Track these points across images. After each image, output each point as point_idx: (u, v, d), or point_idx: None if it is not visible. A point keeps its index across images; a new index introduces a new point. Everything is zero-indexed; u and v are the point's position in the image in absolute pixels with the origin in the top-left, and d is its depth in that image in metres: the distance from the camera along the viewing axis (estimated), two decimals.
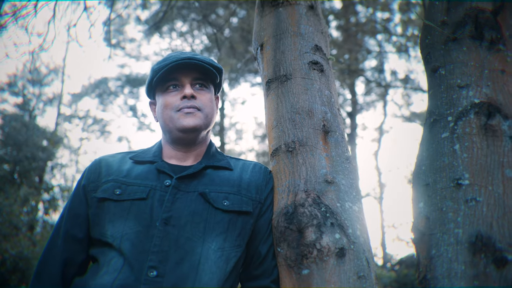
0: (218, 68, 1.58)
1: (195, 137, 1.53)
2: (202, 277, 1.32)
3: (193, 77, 1.53)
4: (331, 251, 1.33)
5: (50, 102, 18.45)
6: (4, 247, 8.58)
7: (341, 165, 1.53)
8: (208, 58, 1.57)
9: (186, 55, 1.51)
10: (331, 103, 1.67)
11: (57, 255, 1.45)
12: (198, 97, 1.52)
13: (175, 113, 1.50)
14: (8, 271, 8.17)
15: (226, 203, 1.42)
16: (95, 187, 1.49)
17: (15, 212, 10.99)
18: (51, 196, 15.53)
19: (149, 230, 1.35)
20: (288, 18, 1.82)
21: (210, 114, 1.54)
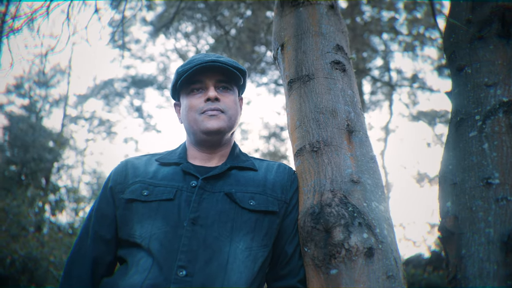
0: (241, 70, 1.58)
1: (220, 139, 1.53)
2: (231, 276, 1.32)
3: (217, 79, 1.53)
4: (359, 251, 1.33)
5: (56, 103, 18.50)
6: (13, 248, 8.61)
7: (366, 164, 1.53)
8: (232, 60, 1.57)
9: (210, 58, 1.52)
10: (354, 103, 1.67)
11: (86, 255, 1.46)
12: (222, 99, 1.52)
13: (199, 115, 1.51)
14: (17, 272, 8.19)
15: (252, 203, 1.43)
16: (122, 188, 1.49)
17: (23, 213, 11.03)
18: (57, 197, 15.58)
19: (177, 230, 1.36)
20: (309, 18, 1.82)
21: (234, 116, 1.54)
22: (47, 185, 16.23)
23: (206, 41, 15.48)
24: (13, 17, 3.36)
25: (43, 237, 10.29)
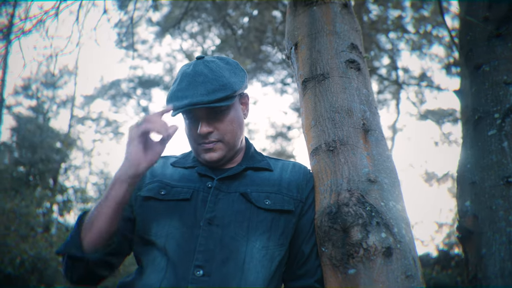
0: (228, 96, 1.42)
1: (225, 162, 1.52)
2: (248, 276, 1.32)
3: (206, 111, 1.44)
4: (378, 250, 1.33)
5: (64, 104, 18.60)
6: (23, 248, 8.67)
7: (382, 164, 1.52)
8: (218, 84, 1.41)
9: (189, 99, 1.39)
10: (369, 102, 1.66)
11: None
12: (216, 126, 1.45)
13: (197, 146, 1.49)
14: (27, 272, 8.25)
15: (268, 202, 1.42)
16: (139, 186, 1.50)
17: (32, 214, 11.10)
18: (65, 197, 15.65)
19: (193, 230, 1.36)
20: (323, 16, 1.82)
21: (232, 138, 1.48)
22: (55, 185, 16.31)
23: (212, 42, 15.51)
24: (24, 18, 3.37)
25: (52, 237, 10.35)
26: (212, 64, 1.47)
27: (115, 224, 1.35)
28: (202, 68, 1.45)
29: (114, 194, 1.32)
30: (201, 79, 1.42)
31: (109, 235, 1.35)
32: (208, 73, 1.43)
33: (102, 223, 1.32)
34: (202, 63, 1.47)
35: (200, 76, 1.43)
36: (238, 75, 1.50)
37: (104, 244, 1.34)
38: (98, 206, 1.35)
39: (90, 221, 1.34)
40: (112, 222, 1.33)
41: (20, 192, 12.58)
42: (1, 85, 10.69)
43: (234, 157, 1.55)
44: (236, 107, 1.51)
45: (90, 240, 1.32)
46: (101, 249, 1.34)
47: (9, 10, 8.06)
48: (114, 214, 1.33)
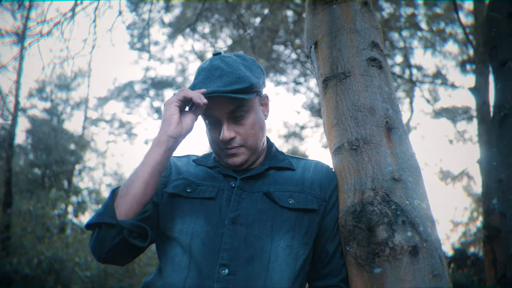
0: (246, 88, 1.41)
1: (248, 165, 1.52)
2: (273, 275, 1.32)
3: (227, 112, 1.44)
4: (404, 249, 1.32)
5: (77, 106, 18.76)
6: (39, 249, 8.76)
7: (406, 162, 1.51)
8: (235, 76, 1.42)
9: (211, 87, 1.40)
10: (391, 99, 1.65)
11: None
12: (238, 131, 1.45)
13: (220, 150, 1.49)
14: (44, 272, 8.33)
15: (292, 201, 1.42)
16: (165, 182, 1.50)
17: (48, 215, 11.21)
18: (80, 199, 15.78)
19: (218, 229, 1.36)
20: (343, 15, 1.81)
21: (254, 141, 1.48)
22: (69, 187, 16.47)
23: (224, 42, 15.53)
24: (42, 21, 3.41)
25: (67, 238, 10.44)
26: (229, 59, 1.48)
27: (150, 191, 1.35)
28: (219, 62, 1.46)
29: (151, 157, 1.35)
30: (217, 73, 1.43)
31: (144, 202, 1.34)
32: (224, 66, 1.44)
33: (138, 189, 1.32)
34: (218, 58, 1.48)
35: (216, 70, 1.44)
36: (255, 71, 1.51)
37: (139, 210, 1.33)
38: (134, 172, 1.35)
39: (125, 188, 1.33)
40: (147, 187, 1.33)
41: (35, 193, 12.72)
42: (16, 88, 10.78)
43: (257, 158, 1.55)
44: (256, 109, 1.50)
45: (125, 205, 1.31)
46: (135, 216, 1.32)
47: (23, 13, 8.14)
48: (150, 178, 1.33)
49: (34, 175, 15.42)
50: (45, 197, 12.54)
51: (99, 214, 1.33)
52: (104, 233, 1.30)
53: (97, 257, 1.35)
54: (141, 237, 1.34)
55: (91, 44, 3.51)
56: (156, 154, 1.35)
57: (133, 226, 1.30)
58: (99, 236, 1.32)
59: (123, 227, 1.29)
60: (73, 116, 25.38)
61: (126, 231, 1.29)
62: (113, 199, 1.34)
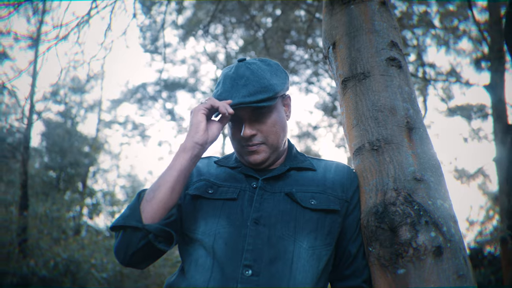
0: (270, 97, 1.43)
1: (269, 164, 1.52)
2: (296, 275, 1.32)
3: (249, 112, 1.45)
4: (427, 250, 1.31)
5: (91, 108, 18.91)
6: (56, 251, 8.85)
7: (428, 162, 1.50)
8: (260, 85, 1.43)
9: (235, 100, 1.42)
10: (411, 99, 1.64)
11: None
12: (259, 128, 1.46)
13: (240, 148, 1.50)
14: (60, 274, 8.41)
15: (314, 202, 1.42)
16: (187, 185, 1.52)
17: (63, 217, 11.32)
18: (94, 201, 15.92)
19: (240, 230, 1.37)
20: (361, 15, 1.80)
21: (275, 139, 1.48)
22: (84, 189, 16.61)
23: (236, 43, 15.55)
24: (58, 25, 3.44)
25: (83, 240, 10.53)
26: (254, 66, 1.48)
27: (176, 196, 1.36)
28: (244, 70, 1.47)
29: (178, 162, 1.37)
30: (243, 82, 1.44)
31: (170, 206, 1.35)
32: (249, 75, 1.45)
33: (164, 193, 1.33)
34: (243, 66, 1.49)
35: (242, 78, 1.45)
36: (280, 76, 1.51)
37: (164, 215, 1.34)
38: (161, 177, 1.37)
39: (151, 192, 1.35)
40: (173, 192, 1.35)
41: (51, 196, 12.84)
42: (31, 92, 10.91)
43: (278, 158, 1.55)
44: (278, 109, 1.51)
45: (151, 210, 1.32)
46: (160, 221, 1.33)
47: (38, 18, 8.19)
48: (176, 184, 1.35)
49: (49, 178, 15.58)
50: (60, 199, 12.67)
51: (124, 216, 1.34)
52: (129, 236, 1.32)
53: (121, 260, 1.36)
54: (166, 241, 1.36)
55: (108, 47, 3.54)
56: (182, 160, 1.37)
57: (158, 231, 1.31)
58: (124, 239, 1.33)
59: (149, 231, 1.30)
60: (87, 119, 25.56)
61: (152, 235, 1.30)
62: (139, 202, 1.35)
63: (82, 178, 16.66)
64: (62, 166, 15.41)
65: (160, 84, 17.87)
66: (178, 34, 15.12)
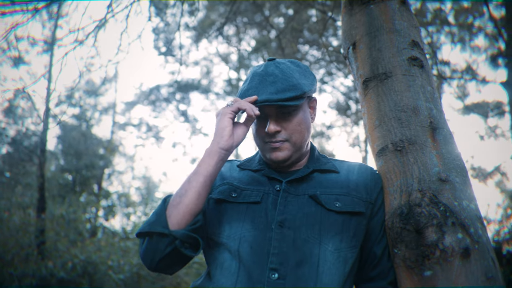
0: (298, 96, 1.43)
1: (291, 163, 1.51)
2: (323, 278, 1.31)
3: (276, 109, 1.45)
4: (455, 251, 1.29)
5: (105, 111, 19.05)
6: (73, 253, 8.93)
7: (452, 162, 1.48)
8: (288, 84, 1.43)
9: (262, 97, 1.42)
10: (434, 99, 1.63)
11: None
12: (284, 126, 1.45)
13: (264, 144, 1.49)
14: (78, 276, 8.48)
15: (338, 204, 1.41)
16: (210, 189, 1.51)
17: (80, 219, 11.42)
18: (110, 202, 16.03)
19: (265, 233, 1.36)
20: (381, 15, 1.79)
21: (299, 139, 1.47)
22: (99, 191, 16.74)
23: (248, 44, 15.57)
24: (75, 29, 3.47)
25: (99, 242, 10.61)
26: (283, 66, 1.48)
27: (202, 200, 1.36)
28: (273, 69, 1.47)
29: (204, 167, 1.37)
30: (271, 79, 1.44)
31: (196, 212, 1.35)
32: (278, 73, 1.45)
33: (191, 198, 1.34)
34: (273, 64, 1.49)
35: (270, 76, 1.45)
36: (308, 78, 1.51)
37: (190, 220, 1.34)
38: (186, 182, 1.37)
39: (178, 197, 1.35)
40: (199, 197, 1.35)
41: (67, 198, 12.97)
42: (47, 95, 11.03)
43: (300, 159, 1.54)
44: (304, 109, 1.50)
45: (177, 215, 1.32)
46: (187, 226, 1.33)
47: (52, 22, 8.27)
48: (203, 188, 1.36)
49: (65, 180, 15.73)
50: (76, 201, 12.78)
51: (150, 223, 1.34)
52: (155, 242, 1.32)
53: (148, 266, 1.37)
54: (192, 247, 1.36)
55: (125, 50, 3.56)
56: (207, 165, 1.37)
57: (185, 237, 1.31)
58: (150, 245, 1.33)
59: (175, 238, 1.30)
60: (102, 121, 25.73)
61: (178, 241, 1.30)
62: (165, 207, 1.35)
63: (97, 180, 16.79)
64: (78, 168, 15.54)
65: (173, 86, 17.95)
66: (190, 36, 15.19)
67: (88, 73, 10.98)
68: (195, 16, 4.42)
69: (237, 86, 18.00)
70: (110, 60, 3.62)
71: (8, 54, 3.66)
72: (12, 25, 3.26)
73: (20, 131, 14.70)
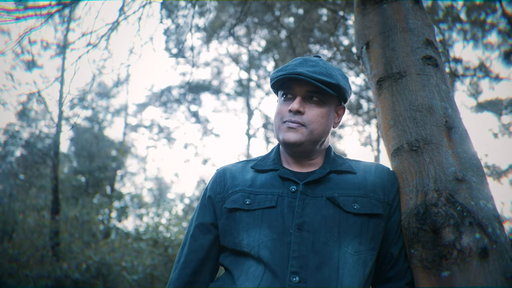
0: (332, 84, 1.45)
1: (302, 151, 1.50)
2: (343, 281, 1.31)
3: (307, 89, 1.47)
4: (472, 251, 1.29)
5: (117, 113, 19.17)
6: (87, 254, 9.00)
7: (469, 161, 1.47)
8: (326, 71, 1.47)
9: (296, 70, 1.45)
10: (449, 98, 1.61)
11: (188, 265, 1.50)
12: (307, 111, 1.46)
13: (281, 124, 1.49)
14: (93, 277, 8.54)
15: (356, 206, 1.40)
16: (223, 198, 1.51)
17: (93, 221, 11.51)
18: (122, 204, 16.12)
19: (284, 237, 1.35)
20: (395, 14, 1.78)
21: (317, 130, 1.47)
22: (112, 192, 16.84)
23: (258, 44, 15.57)
24: (88, 32, 3.50)
25: (113, 243, 10.68)
26: (327, 62, 1.53)
27: None
28: (317, 59, 1.53)
29: None
30: (312, 63, 1.49)
31: None
32: (320, 62, 1.51)
33: None
34: (317, 58, 1.55)
35: (312, 61, 1.50)
36: (346, 81, 1.54)
37: None
38: None
39: None
40: None
41: (80, 200, 13.08)
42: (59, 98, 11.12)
43: (312, 154, 1.53)
44: (331, 108, 1.51)
45: None
46: None
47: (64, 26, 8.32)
48: None
49: (79, 182, 15.85)
50: (89, 203, 12.87)
51: None
52: None
53: None
54: None
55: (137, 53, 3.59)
56: None
57: None
58: None
59: None
60: (114, 123, 25.92)
61: None
62: None
63: (110, 182, 16.90)
64: (91, 170, 15.65)
65: (184, 87, 18.01)
66: (201, 37, 15.23)
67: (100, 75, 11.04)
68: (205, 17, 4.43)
69: (248, 87, 18.01)
70: (122, 62, 3.64)
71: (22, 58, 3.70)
72: (26, 30, 3.30)
73: (34, 133, 14.84)
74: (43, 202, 12.12)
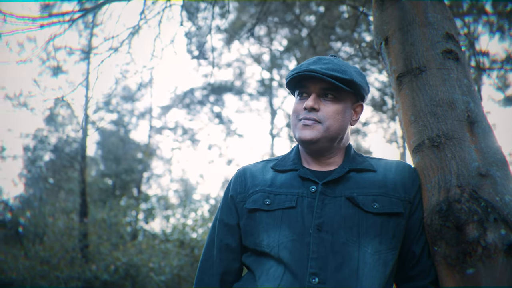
0: (346, 80, 1.44)
1: (318, 148, 1.49)
2: (363, 282, 1.29)
3: (321, 87, 1.46)
4: (498, 248, 1.26)
5: (142, 116, 19.39)
6: (116, 256, 9.14)
7: (492, 156, 1.44)
8: (340, 68, 1.46)
9: (309, 67, 1.45)
10: (471, 92, 1.58)
11: (214, 265, 1.51)
12: (322, 108, 1.45)
13: (297, 122, 1.49)
14: (121, 278, 8.67)
15: (376, 205, 1.38)
16: (243, 198, 1.51)
17: (121, 223, 11.68)
18: (149, 205, 16.30)
19: (303, 237, 1.35)
20: (413, 8, 1.75)
21: (333, 126, 1.45)
22: (139, 194, 17.05)
23: (280, 43, 15.55)
24: (111, 37, 3.56)
25: (140, 244, 10.82)
26: (340, 59, 1.54)
27: None
28: (330, 57, 1.53)
29: None
30: (326, 61, 1.49)
31: None
32: (334, 59, 1.51)
33: None
34: (331, 56, 1.56)
35: (326, 59, 1.50)
36: (362, 78, 1.53)
37: None
38: None
39: None
40: None
41: (108, 202, 13.28)
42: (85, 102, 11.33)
43: (330, 151, 1.51)
44: (347, 105, 1.50)
45: None
46: None
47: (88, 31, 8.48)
48: None
49: (106, 185, 16.11)
50: (117, 205, 13.06)
51: None
52: None
53: None
54: None
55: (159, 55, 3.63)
56: None
57: None
58: None
59: None
60: (139, 126, 26.19)
61: None
62: None
63: (136, 184, 17.12)
64: (117, 173, 15.89)
65: (207, 88, 18.11)
66: (222, 38, 15.30)
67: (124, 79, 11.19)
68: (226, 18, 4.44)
69: (270, 86, 17.99)
70: (145, 66, 3.68)
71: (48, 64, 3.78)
72: (50, 36, 3.36)
73: (61, 138, 15.15)
74: (72, 205, 12.37)
